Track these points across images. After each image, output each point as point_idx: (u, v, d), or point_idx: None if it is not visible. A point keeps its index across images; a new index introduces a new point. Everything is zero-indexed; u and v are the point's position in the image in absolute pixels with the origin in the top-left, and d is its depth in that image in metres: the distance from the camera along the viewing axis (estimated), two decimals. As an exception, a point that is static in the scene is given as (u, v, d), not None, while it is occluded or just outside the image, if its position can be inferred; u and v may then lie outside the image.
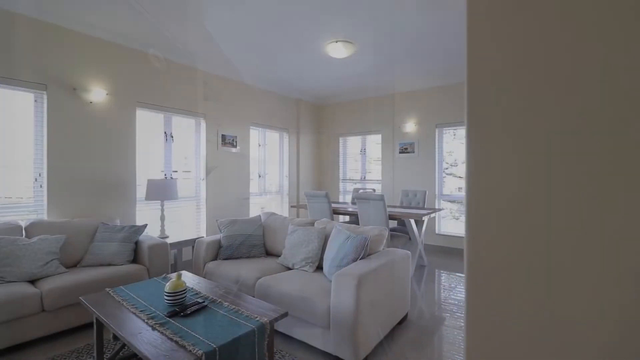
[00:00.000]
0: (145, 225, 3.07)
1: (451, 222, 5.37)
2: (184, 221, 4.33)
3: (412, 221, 3.91)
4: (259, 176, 5.52)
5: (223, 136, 4.74)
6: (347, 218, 5.89)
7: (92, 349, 2.26)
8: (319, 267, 2.85)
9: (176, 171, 4.21)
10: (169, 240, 3.39)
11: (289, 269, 2.87)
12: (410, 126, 5.41)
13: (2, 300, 2.12)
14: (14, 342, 2.19)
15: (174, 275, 2.33)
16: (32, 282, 2.48)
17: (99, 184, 3.46)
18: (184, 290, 1.84)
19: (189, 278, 2.31)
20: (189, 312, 1.72)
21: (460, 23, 3.24)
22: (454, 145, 5.30)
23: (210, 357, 1.38)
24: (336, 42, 3.72)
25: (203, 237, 3.71)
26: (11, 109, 2.98)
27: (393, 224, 4.93)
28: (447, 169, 5.35)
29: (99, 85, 3.45)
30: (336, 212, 4.46)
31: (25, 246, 2.51)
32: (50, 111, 3.12)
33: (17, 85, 2.94)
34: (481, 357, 0.55)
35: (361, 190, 5.12)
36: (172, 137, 4.18)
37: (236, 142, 4.93)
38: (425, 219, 3.88)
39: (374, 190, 5.26)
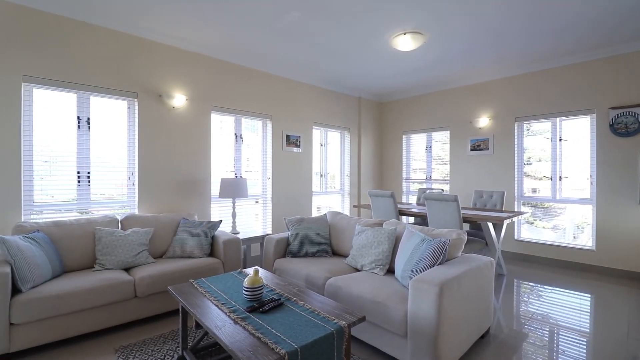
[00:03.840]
0: (220, 221, 3.24)
1: (524, 227, 4.78)
2: (250, 218, 4.51)
3: (490, 225, 3.55)
4: (321, 175, 5.53)
5: (287, 136, 4.83)
6: (411, 219, 5.62)
7: (176, 335, 2.43)
8: (390, 270, 2.72)
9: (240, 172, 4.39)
10: (239, 236, 3.53)
11: (357, 270, 2.79)
12: (484, 121, 4.95)
13: (104, 285, 2.38)
14: (112, 323, 2.44)
15: (249, 270, 2.40)
16: (126, 270, 2.75)
17: (180, 182, 3.75)
18: (262, 286, 1.86)
19: (262, 274, 2.35)
20: (267, 308, 1.73)
21: None
22: (528, 141, 4.72)
23: (293, 357, 1.35)
24: (404, 34, 3.55)
25: (270, 234, 3.81)
26: (110, 115, 3.36)
27: (464, 227, 4.56)
28: (519, 168, 4.78)
29: (180, 92, 3.73)
30: (401, 212, 4.26)
31: (121, 237, 2.79)
32: (141, 116, 3.46)
33: (115, 95, 3.32)
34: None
35: (428, 191, 4.83)
36: (242, 138, 4.37)
37: (300, 142, 5.00)
38: (506, 222, 3.50)
39: (442, 190, 4.93)
